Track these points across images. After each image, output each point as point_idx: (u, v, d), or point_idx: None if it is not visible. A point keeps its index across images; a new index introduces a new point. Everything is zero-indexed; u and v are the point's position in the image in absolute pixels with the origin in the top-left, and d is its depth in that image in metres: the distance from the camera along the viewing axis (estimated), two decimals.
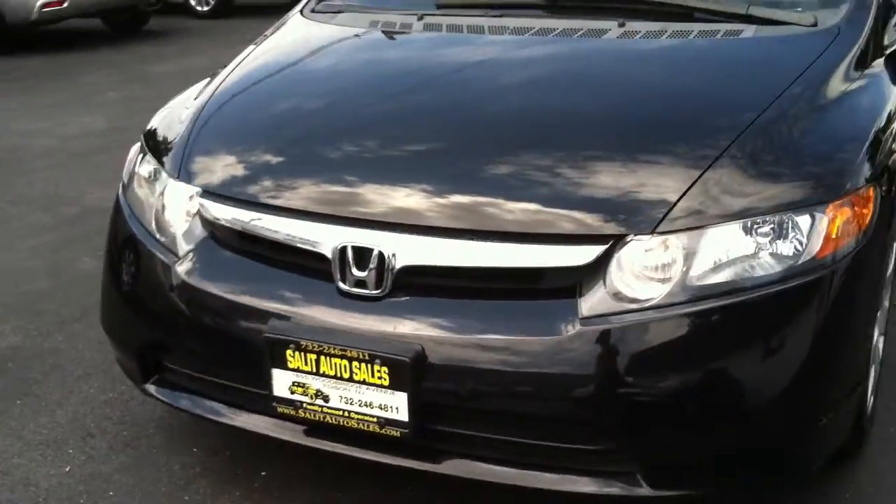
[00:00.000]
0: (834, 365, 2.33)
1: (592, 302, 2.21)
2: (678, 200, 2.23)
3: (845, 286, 2.28)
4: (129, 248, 2.79)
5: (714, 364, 2.20)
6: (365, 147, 2.67)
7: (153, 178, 2.84)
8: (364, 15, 3.48)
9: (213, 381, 2.62)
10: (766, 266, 2.20)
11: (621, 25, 2.98)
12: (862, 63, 2.83)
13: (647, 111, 2.63)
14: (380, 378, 2.29)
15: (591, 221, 2.25)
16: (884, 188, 2.50)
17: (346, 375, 2.33)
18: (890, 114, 2.74)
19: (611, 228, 2.23)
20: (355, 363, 2.30)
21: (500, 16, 3.23)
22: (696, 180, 2.26)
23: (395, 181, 2.47)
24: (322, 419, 2.39)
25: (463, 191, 2.40)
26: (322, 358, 2.33)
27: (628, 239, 2.21)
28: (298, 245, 2.45)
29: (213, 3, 13.52)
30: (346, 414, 2.36)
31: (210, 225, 2.60)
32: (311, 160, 2.66)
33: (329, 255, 2.38)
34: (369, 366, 2.29)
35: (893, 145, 2.70)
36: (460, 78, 2.97)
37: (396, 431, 2.32)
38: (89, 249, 4.73)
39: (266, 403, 2.46)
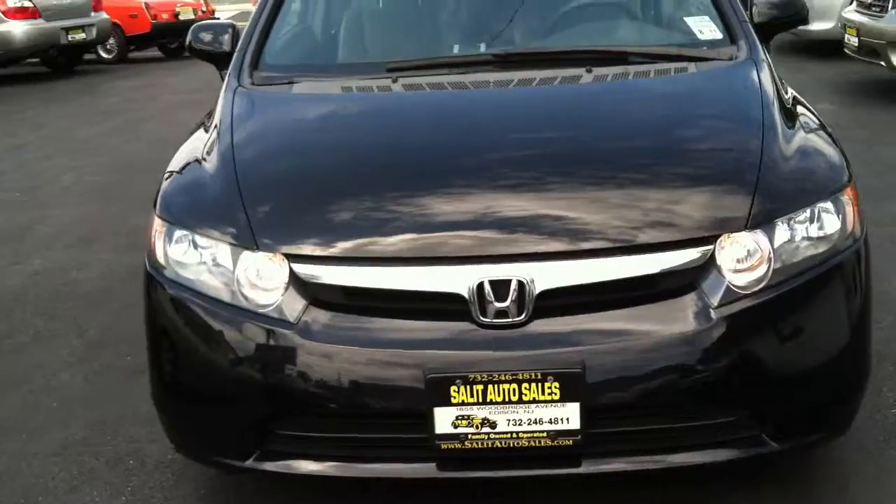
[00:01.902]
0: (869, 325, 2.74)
1: (716, 294, 2.48)
2: (752, 204, 2.57)
3: (867, 255, 2.73)
4: (205, 331, 2.64)
5: (813, 328, 2.58)
6: (452, 188, 2.72)
7: (212, 255, 2.68)
8: (326, 82, 3.45)
9: (341, 437, 2.60)
10: (820, 244, 2.61)
11: (589, 71, 3.23)
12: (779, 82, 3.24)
13: (678, 135, 2.93)
14: (550, 394, 2.39)
15: (696, 227, 2.54)
16: None
17: (515, 398, 2.40)
18: None
19: (712, 230, 2.53)
20: (524, 384, 2.39)
21: (465, 72, 3.35)
22: (756, 187, 2.61)
23: (510, 214, 2.56)
24: (489, 445, 2.45)
25: (579, 213, 2.57)
26: (490, 387, 2.40)
27: (727, 237, 2.52)
28: (426, 290, 2.49)
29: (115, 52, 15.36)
30: (515, 435, 2.43)
31: (315, 287, 2.56)
32: (403, 209, 2.67)
33: (465, 293, 2.45)
34: (540, 384, 2.38)
35: None
36: (498, 118, 3.06)
37: (569, 440, 2.43)
38: None
39: (418, 444, 2.50)
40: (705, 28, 3.48)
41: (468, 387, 2.41)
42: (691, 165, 2.78)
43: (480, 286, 2.45)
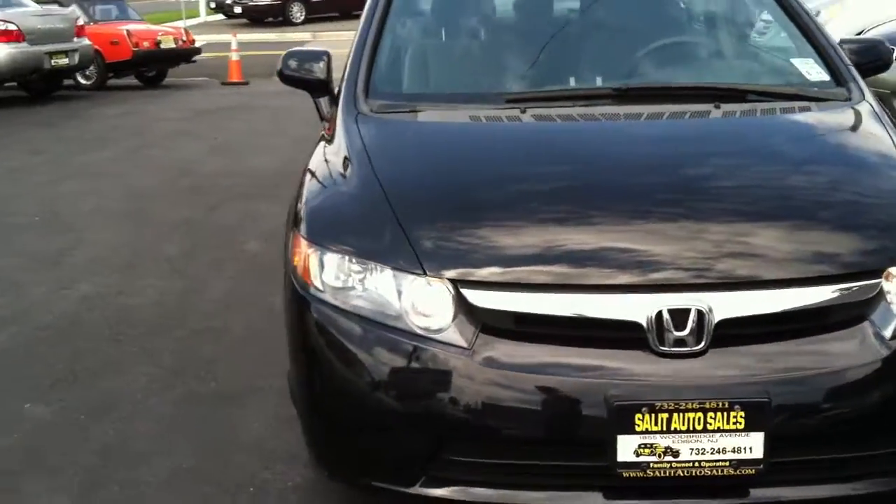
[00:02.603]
0: None
1: (888, 325, 2.53)
2: None
3: None
4: (371, 356, 2.62)
5: None
6: (620, 216, 2.74)
7: (374, 280, 2.67)
8: (451, 112, 3.40)
9: (513, 464, 2.59)
10: None
11: (717, 107, 3.30)
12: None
13: (829, 171, 3.02)
14: (735, 423, 2.41)
15: (864, 259, 2.61)
16: None
17: (700, 427, 2.42)
18: None
19: (878, 263, 2.59)
20: (710, 413, 2.41)
21: (588, 105, 3.36)
22: None
23: (685, 244, 2.60)
24: (671, 474, 2.46)
25: (751, 245, 2.61)
26: (675, 415, 2.42)
27: (891, 269, 2.58)
28: (603, 318, 2.51)
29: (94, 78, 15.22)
30: (697, 464, 2.45)
31: (485, 313, 2.55)
32: (573, 236, 2.68)
33: (643, 321, 2.48)
34: (725, 413, 2.41)
35: None
36: (645, 150, 3.08)
37: (751, 469, 2.45)
38: None
39: (595, 473, 2.51)
40: (812, 70, 3.58)
41: (653, 415, 2.43)
42: (850, 200, 2.85)
43: (659, 315, 2.48)
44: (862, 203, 2.83)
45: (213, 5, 31.91)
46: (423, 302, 2.62)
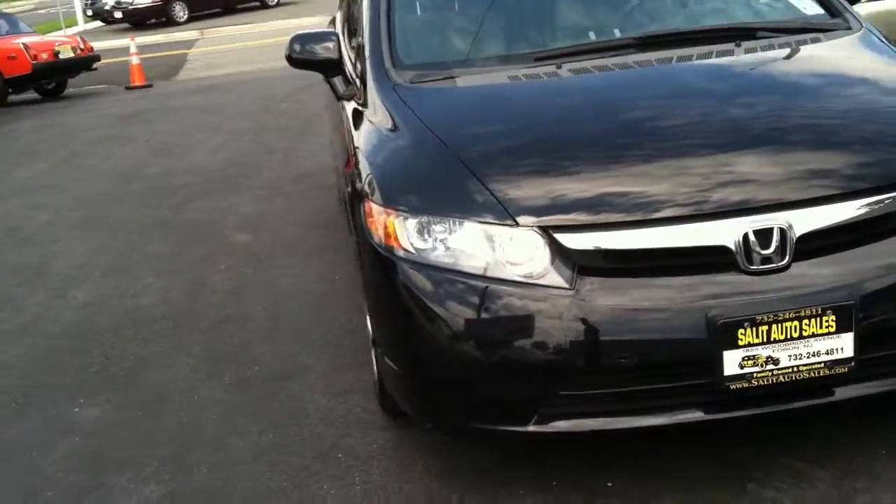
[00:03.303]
0: None
1: None
2: None
3: None
4: (476, 307, 2.75)
5: None
6: (690, 150, 2.93)
7: (465, 236, 2.80)
8: (486, 74, 3.50)
9: (621, 392, 2.75)
10: None
11: (738, 45, 3.53)
12: None
13: (869, 93, 3.26)
14: (827, 327, 2.64)
15: None
16: None
17: (796, 334, 2.64)
18: None
19: None
20: (805, 321, 2.63)
21: (616, 55, 3.52)
22: None
23: (757, 169, 2.81)
24: (773, 381, 2.67)
25: (818, 164, 2.86)
26: (773, 326, 2.63)
27: None
28: (693, 245, 2.69)
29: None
30: (795, 369, 2.67)
31: (580, 255, 2.71)
32: (652, 172, 2.85)
33: (731, 245, 2.68)
34: (818, 319, 2.63)
35: None
36: (690, 87, 3.31)
37: (844, 368, 2.68)
38: None
39: (702, 390, 2.71)
40: (807, 5, 3.82)
41: (754, 328, 2.63)
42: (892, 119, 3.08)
43: (745, 236, 2.67)
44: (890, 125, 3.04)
45: (90, 13, 31.03)
46: (517, 250, 2.76)
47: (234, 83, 14.00)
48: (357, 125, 3.61)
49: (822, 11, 3.81)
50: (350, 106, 3.87)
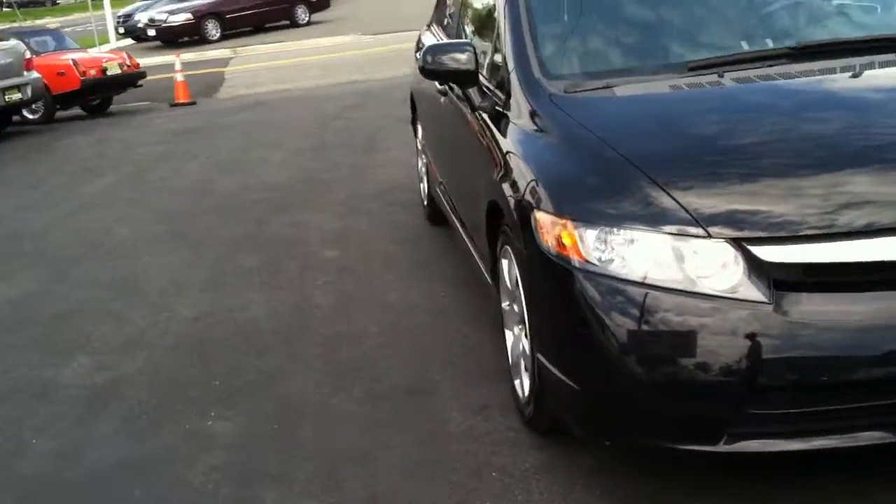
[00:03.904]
0: None
1: None
2: None
3: None
4: (668, 320, 2.74)
5: None
6: (872, 162, 2.93)
7: (652, 247, 2.80)
8: (644, 84, 3.53)
9: (814, 411, 2.73)
10: None
11: None
12: None
13: None
14: None
15: None
16: None
17: None
18: None
19: None
20: None
21: (773, 65, 3.51)
22: None
23: None
24: None
25: None
26: None
27: None
28: (889, 259, 2.68)
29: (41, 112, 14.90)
30: None
31: (776, 267, 2.70)
32: (838, 186, 2.84)
33: None
34: None
35: None
36: (865, 99, 3.32)
37: None
38: None
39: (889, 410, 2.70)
40: None
41: None
42: None
43: None
44: None
45: (122, 30, 31.24)
46: (709, 262, 2.75)
47: (278, 101, 14.04)
48: (506, 134, 3.60)
49: None
50: (487, 116, 3.87)
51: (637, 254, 2.82)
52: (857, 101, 3.29)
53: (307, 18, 28.70)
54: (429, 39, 6.01)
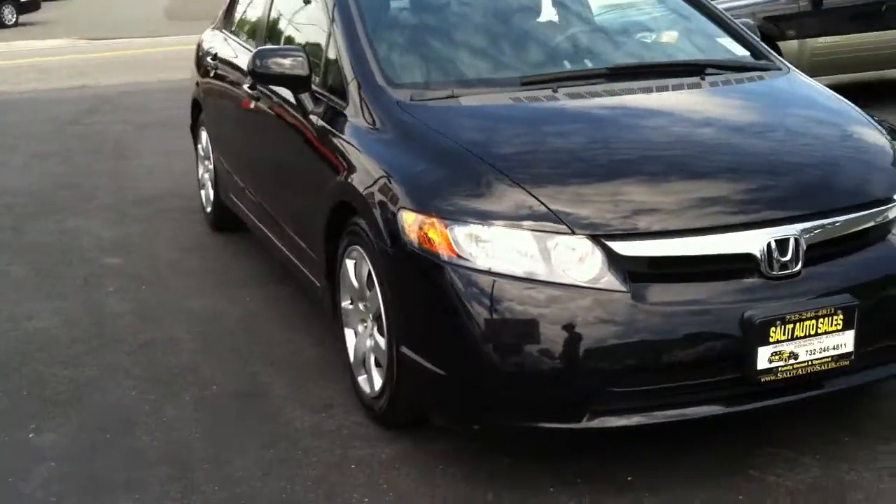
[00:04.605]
0: None
1: None
2: None
3: None
4: (534, 308, 2.95)
5: None
6: (711, 169, 3.36)
7: (517, 242, 3.01)
8: (486, 95, 3.72)
9: (663, 388, 3.04)
10: None
11: (703, 78, 3.97)
12: None
13: (820, 124, 3.80)
14: (835, 325, 3.06)
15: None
16: None
17: (813, 332, 3.05)
18: None
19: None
20: (821, 320, 3.04)
21: (596, 83, 3.85)
22: None
23: (771, 185, 3.27)
24: (793, 374, 3.06)
25: (817, 183, 3.37)
26: (797, 324, 3.02)
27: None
28: (725, 253, 3.06)
29: None
30: (810, 363, 3.08)
31: (629, 261, 3.00)
32: (687, 188, 3.21)
33: (756, 252, 3.06)
34: (830, 318, 3.06)
35: None
36: (688, 116, 3.72)
37: (846, 361, 3.12)
38: None
39: (734, 384, 3.06)
40: (734, 47, 4.31)
41: (783, 326, 3.01)
42: (862, 144, 3.65)
43: (768, 245, 3.06)
44: (868, 149, 3.61)
45: None
46: (571, 256, 3.01)
47: None
48: (352, 139, 3.68)
49: (747, 53, 4.30)
50: (324, 121, 3.94)
51: (504, 248, 3.03)
52: (687, 119, 3.69)
53: (14, 19, 26.87)
54: (216, 45, 5.94)
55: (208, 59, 5.92)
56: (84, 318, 4.86)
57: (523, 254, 3.02)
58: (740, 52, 4.32)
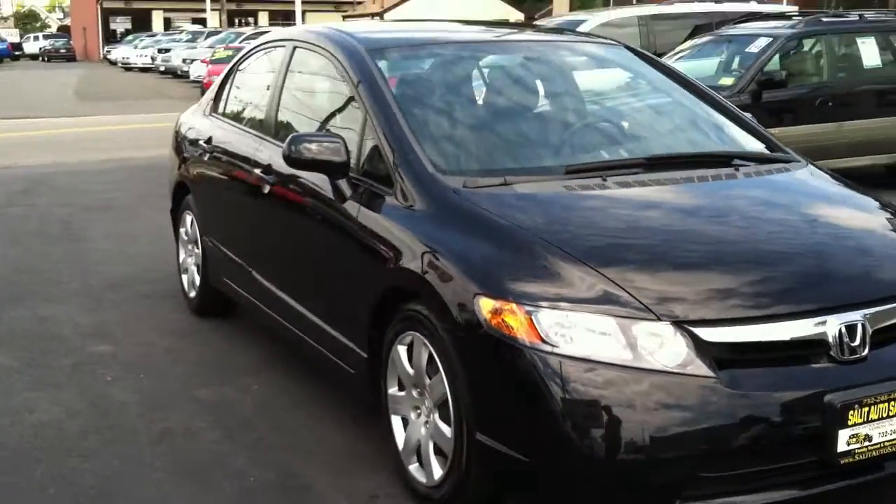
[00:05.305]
0: None
1: None
2: None
3: None
4: (623, 396, 2.99)
5: None
6: (778, 257, 3.45)
7: (603, 328, 3.06)
8: (536, 184, 3.75)
9: (749, 472, 3.08)
10: None
11: (737, 169, 4.13)
12: None
13: (868, 210, 4.00)
14: None
15: None
16: None
17: (885, 414, 3.16)
18: None
19: None
20: (892, 402, 3.15)
21: (635, 173, 3.94)
22: None
23: (835, 272, 3.39)
24: (869, 456, 3.15)
25: (874, 271, 3.49)
26: (872, 407, 3.12)
27: None
28: (801, 338, 3.16)
29: None
30: (882, 445, 3.18)
31: (716, 346, 3.07)
32: (760, 277, 3.30)
33: (829, 338, 3.17)
34: None
35: None
36: (740, 206, 3.84)
37: None
38: None
39: (815, 466, 3.14)
40: (749, 141, 4.48)
41: (860, 409, 3.11)
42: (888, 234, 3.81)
43: (839, 331, 3.17)
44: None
45: None
46: (656, 342, 3.06)
47: None
48: (406, 225, 3.69)
49: (762, 146, 4.48)
50: (358, 206, 3.97)
51: (588, 334, 3.07)
52: (735, 205, 3.82)
53: None
54: (207, 129, 5.88)
55: (200, 143, 5.85)
56: (86, 408, 4.68)
57: (608, 339, 3.05)
58: (752, 142, 4.48)
